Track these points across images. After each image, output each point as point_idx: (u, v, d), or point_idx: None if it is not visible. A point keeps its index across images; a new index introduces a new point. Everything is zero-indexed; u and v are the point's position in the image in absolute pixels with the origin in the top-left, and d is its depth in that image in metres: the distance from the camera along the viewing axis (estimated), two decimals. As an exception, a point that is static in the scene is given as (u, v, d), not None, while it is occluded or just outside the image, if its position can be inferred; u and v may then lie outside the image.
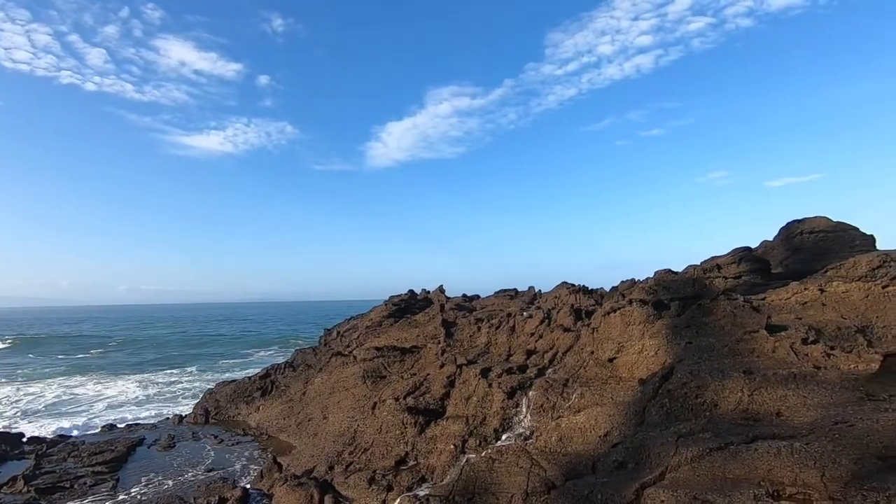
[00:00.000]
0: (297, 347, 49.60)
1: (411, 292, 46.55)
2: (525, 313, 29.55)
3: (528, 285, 45.27)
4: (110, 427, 33.31)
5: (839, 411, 10.87)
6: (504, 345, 27.02)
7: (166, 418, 36.49)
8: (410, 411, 21.81)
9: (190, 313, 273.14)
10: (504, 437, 18.44)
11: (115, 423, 34.46)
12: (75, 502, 20.61)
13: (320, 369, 34.56)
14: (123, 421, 35.96)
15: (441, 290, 46.97)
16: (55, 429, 34.00)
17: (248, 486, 21.33)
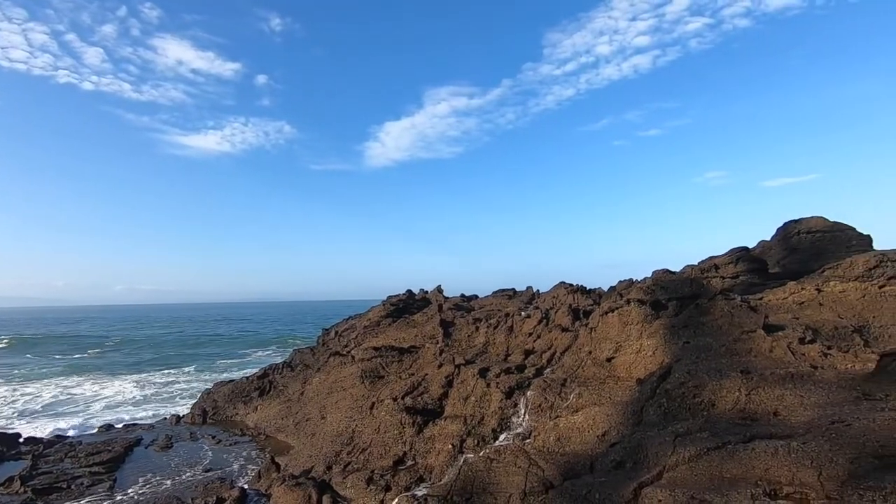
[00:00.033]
0: (295, 347, 49.54)
1: (409, 292, 46.55)
2: (523, 313, 29.57)
3: (526, 285, 45.38)
4: (107, 427, 33.22)
5: (836, 411, 10.92)
6: (502, 345, 27.04)
7: (164, 418, 36.39)
8: (408, 411, 21.82)
9: (187, 313, 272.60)
10: (502, 436, 18.45)
11: (113, 424, 34.35)
12: (72, 503, 20.56)
13: (318, 369, 34.53)
14: (121, 421, 35.83)
15: (439, 289, 46.99)
16: (52, 429, 33.83)
17: (246, 487, 21.30)
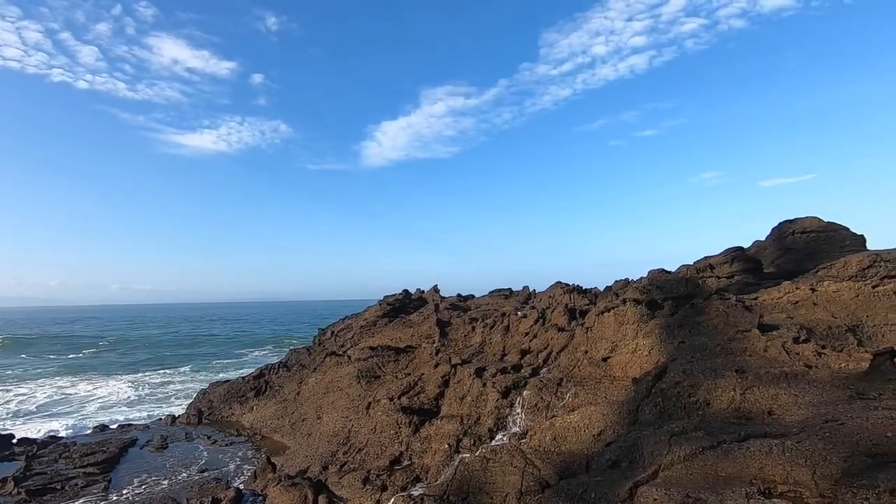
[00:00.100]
0: (292, 347, 49.42)
1: (406, 292, 46.53)
2: (519, 313, 29.60)
3: (522, 285, 45.49)
4: (102, 428, 33.06)
5: (830, 410, 10.97)
6: (498, 344, 27.07)
7: (159, 419, 36.25)
8: (405, 411, 21.82)
9: (183, 313, 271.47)
10: (498, 436, 18.48)
11: (107, 424, 34.22)
12: (66, 504, 20.46)
13: (314, 369, 34.47)
14: (115, 422, 35.65)
15: (435, 289, 47.02)
16: (46, 430, 33.62)
17: (242, 487, 21.23)
